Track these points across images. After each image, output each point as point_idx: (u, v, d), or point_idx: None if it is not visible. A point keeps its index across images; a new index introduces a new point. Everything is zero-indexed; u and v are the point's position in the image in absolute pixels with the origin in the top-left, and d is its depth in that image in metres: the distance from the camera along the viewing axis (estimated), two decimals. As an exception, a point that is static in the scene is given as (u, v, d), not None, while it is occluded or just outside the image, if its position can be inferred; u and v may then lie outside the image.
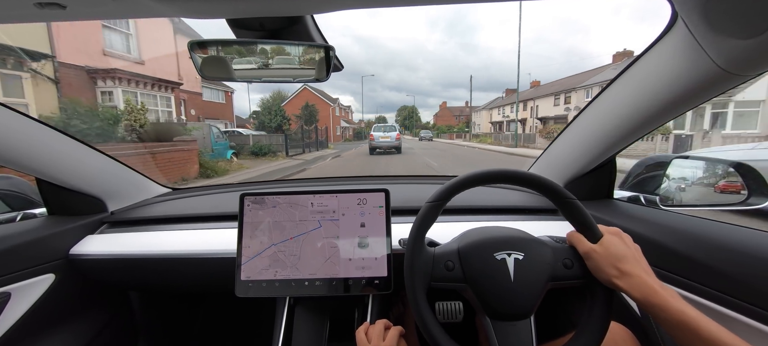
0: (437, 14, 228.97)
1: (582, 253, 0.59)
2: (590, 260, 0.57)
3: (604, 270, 0.54)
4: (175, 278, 0.97)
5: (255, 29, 0.60)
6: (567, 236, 0.63)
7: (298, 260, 0.79)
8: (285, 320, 0.81)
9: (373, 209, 0.81)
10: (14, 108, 0.77)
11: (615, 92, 0.77)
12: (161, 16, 0.53)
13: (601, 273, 0.55)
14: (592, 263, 0.57)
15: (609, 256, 0.54)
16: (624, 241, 0.56)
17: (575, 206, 0.61)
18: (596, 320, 0.56)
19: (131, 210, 1.10)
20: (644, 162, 0.98)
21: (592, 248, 0.57)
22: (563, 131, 0.98)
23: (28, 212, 1.03)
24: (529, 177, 0.64)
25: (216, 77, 0.69)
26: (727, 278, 0.57)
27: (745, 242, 0.59)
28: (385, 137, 14.68)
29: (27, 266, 0.83)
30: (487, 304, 0.60)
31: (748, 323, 0.54)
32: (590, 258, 0.57)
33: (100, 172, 1.01)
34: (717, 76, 0.55)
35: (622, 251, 0.54)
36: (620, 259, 0.53)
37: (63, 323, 0.94)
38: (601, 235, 0.58)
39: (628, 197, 0.96)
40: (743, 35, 0.46)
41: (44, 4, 0.46)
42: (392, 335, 0.65)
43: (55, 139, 0.87)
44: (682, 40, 0.57)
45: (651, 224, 0.75)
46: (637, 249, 0.56)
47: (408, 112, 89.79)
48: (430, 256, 0.64)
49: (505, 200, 1.08)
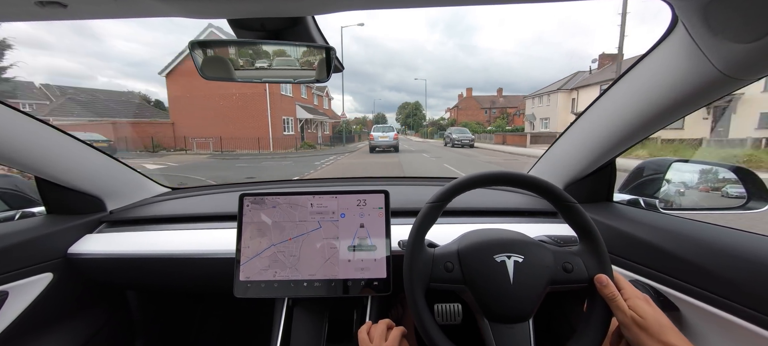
0: (436, 15, 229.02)
1: (621, 321, 0.54)
2: (629, 332, 0.53)
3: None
4: (173, 278, 0.97)
5: (256, 30, 0.60)
6: (599, 284, 0.57)
7: (297, 260, 0.79)
8: (284, 321, 0.81)
9: (373, 210, 0.81)
10: (14, 106, 0.77)
11: (615, 95, 0.77)
12: (163, 16, 0.53)
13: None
14: (632, 336, 0.53)
15: (653, 329, 0.50)
16: (655, 309, 0.53)
17: (575, 210, 0.61)
18: (595, 325, 0.56)
19: (130, 209, 1.10)
20: (644, 165, 0.98)
21: (633, 318, 0.52)
22: (563, 134, 0.99)
23: (27, 210, 1.02)
24: (529, 180, 0.64)
25: (217, 77, 0.69)
26: (727, 281, 0.57)
27: (745, 246, 0.59)
28: (384, 137, 16.12)
29: (25, 265, 0.82)
30: (486, 306, 0.60)
31: (747, 328, 0.54)
32: (630, 330, 0.53)
33: (99, 171, 1.01)
34: (717, 79, 0.55)
35: (663, 321, 0.51)
36: (666, 332, 0.50)
37: (61, 322, 0.94)
38: (611, 268, 0.57)
39: (627, 200, 0.96)
40: (743, 39, 0.46)
41: (45, 3, 0.46)
42: (394, 336, 0.65)
43: (54, 138, 0.86)
44: (682, 43, 0.57)
45: (650, 228, 0.75)
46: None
47: (411, 110, 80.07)
48: (430, 256, 0.64)
49: (504, 202, 1.08)
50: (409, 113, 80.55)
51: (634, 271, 0.74)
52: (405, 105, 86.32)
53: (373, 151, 16.11)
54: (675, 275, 0.66)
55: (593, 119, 0.86)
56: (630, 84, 0.72)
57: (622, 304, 0.54)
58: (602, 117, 0.82)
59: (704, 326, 0.62)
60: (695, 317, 0.63)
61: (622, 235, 0.78)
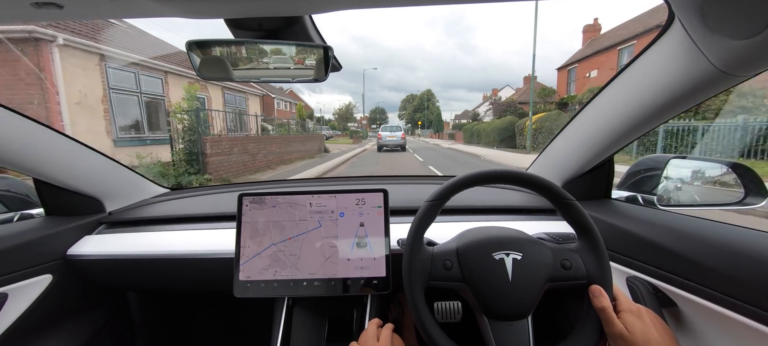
0: (436, 14, 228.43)
1: (609, 333, 0.55)
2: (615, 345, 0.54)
3: None
4: (173, 278, 0.97)
5: (253, 29, 0.60)
6: (591, 294, 0.58)
7: (297, 260, 0.79)
8: (284, 321, 0.81)
9: (372, 209, 0.81)
10: (12, 108, 0.77)
11: (612, 93, 0.77)
12: (159, 16, 0.53)
13: None
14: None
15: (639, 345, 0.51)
16: (645, 323, 0.53)
17: (574, 208, 0.61)
18: (594, 322, 0.57)
19: (129, 210, 1.10)
20: (642, 162, 0.98)
21: (621, 332, 0.53)
22: (561, 131, 0.99)
23: (26, 212, 1.02)
24: (528, 177, 0.64)
25: (214, 77, 0.69)
26: (725, 277, 0.57)
27: (743, 242, 0.60)
28: (391, 137, 17.86)
29: (24, 267, 0.82)
30: (485, 304, 0.60)
31: (745, 323, 0.54)
32: (616, 343, 0.54)
33: (97, 172, 1.01)
34: (714, 76, 0.55)
35: (651, 337, 0.51)
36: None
37: (61, 324, 0.94)
38: (611, 281, 0.57)
39: (625, 197, 0.96)
40: (740, 36, 0.46)
41: (41, 4, 0.45)
42: (385, 335, 0.65)
43: (52, 140, 0.86)
44: (679, 40, 0.57)
45: (648, 224, 0.75)
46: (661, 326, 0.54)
47: (418, 103, 63.03)
48: (429, 255, 0.65)
49: (503, 200, 1.08)
50: (418, 107, 62.88)
51: (632, 267, 0.74)
52: (410, 97, 69.22)
53: (380, 150, 17.61)
54: (673, 271, 0.66)
55: (591, 117, 0.86)
56: (627, 81, 0.72)
57: (611, 317, 0.54)
58: (600, 114, 0.82)
59: (702, 322, 0.62)
60: (693, 312, 0.64)
61: (620, 231, 0.78)
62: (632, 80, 0.71)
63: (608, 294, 0.57)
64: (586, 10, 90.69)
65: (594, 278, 0.59)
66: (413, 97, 67.08)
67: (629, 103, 0.73)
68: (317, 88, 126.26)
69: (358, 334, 0.68)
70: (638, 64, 0.68)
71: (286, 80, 0.70)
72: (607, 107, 0.80)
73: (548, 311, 0.97)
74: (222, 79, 0.70)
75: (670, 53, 0.60)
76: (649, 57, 0.66)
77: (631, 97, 0.72)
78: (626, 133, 0.78)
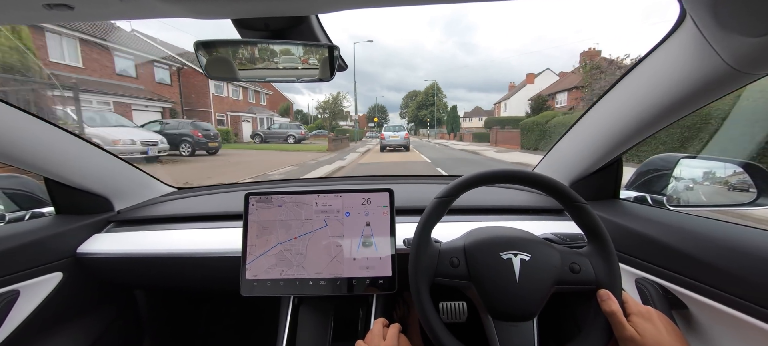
0: (436, 13, 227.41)
1: (619, 337, 0.54)
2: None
3: None
4: (180, 277, 0.98)
5: (260, 29, 0.60)
6: (600, 298, 0.58)
7: (303, 259, 0.79)
8: (289, 320, 0.81)
9: (378, 209, 0.81)
10: (22, 108, 0.78)
11: (622, 91, 0.76)
12: (167, 16, 0.53)
13: None
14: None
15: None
16: (656, 326, 0.53)
17: (585, 211, 0.60)
18: (601, 325, 0.56)
19: (137, 209, 1.11)
20: (651, 162, 0.97)
21: (631, 336, 0.52)
22: (569, 130, 0.98)
23: (37, 211, 1.04)
24: (537, 178, 0.64)
25: (221, 77, 0.70)
26: (737, 278, 0.56)
27: (755, 243, 0.58)
28: (394, 136, 17.78)
29: (35, 265, 0.84)
30: (491, 304, 0.60)
31: (758, 326, 0.53)
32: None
33: (106, 171, 1.02)
34: (726, 74, 0.54)
35: (663, 341, 0.51)
36: None
37: (70, 321, 0.96)
38: (621, 286, 0.57)
39: (634, 197, 0.95)
40: (753, 33, 0.45)
41: (53, 5, 0.46)
42: (392, 334, 0.65)
43: (62, 139, 0.88)
44: (690, 38, 0.56)
45: (658, 225, 0.74)
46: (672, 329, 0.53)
47: (422, 99, 55.63)
48: (436, 251, 0.64)
49: (509, 200, 1.07)
50: (422, 102, 55.16)
51: (642, 269, 0.73)
52: (413, 93, 61.83)
53: (383, 150, 17.66)
54: (684, 272, 0.65)
55: (600, 115, 0.85)
56: (637, 79, 0.71)
57: (621, 321, 0.54)
58: (609, 113, 0.81)
59: (713, 325, 0.61)
60: (704, 315, 0.62)
61: (629, 232, 0.77)
62: (642, 78, 0.70)
63: (617, 299, 0.56)
64: (586, 10, 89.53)
65: (603, 282, 0.58)
66: (416, 93, 60.96)
67: (639, 101, 0.71)
68: (317, 88, 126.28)
69: (364, 333, 0.68)
70: (648, 61, 0.67)
71: (291, 80, 0.70)
72: (616, 106, 0.78)
73: (554, 312, 0.96)
74: (229, 79, 0.71)
75: (680, 51, 0.59)
76: (659, 55, 0.65)
77: (641, 96, 0.71)
78: (636, 132, 0.77)
